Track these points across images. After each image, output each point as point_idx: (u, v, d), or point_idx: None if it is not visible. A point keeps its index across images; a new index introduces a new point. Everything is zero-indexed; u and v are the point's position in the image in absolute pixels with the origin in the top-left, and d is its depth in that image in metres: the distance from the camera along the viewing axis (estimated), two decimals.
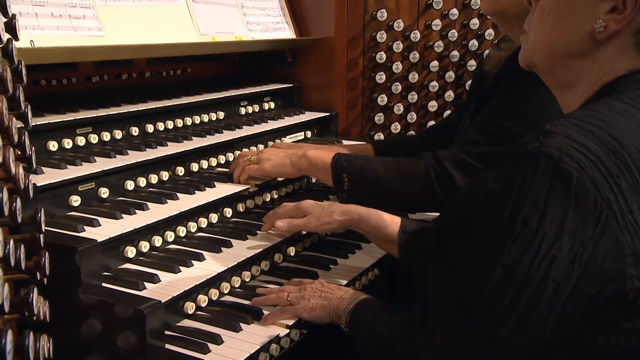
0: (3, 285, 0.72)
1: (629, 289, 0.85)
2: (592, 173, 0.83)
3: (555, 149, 0.85)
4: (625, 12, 0.92)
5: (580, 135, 0.86)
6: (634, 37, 0.94)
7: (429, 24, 2.25)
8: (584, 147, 0.85)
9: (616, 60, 0.96)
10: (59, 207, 1.34)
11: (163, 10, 1.77)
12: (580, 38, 0.97)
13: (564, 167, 0.84)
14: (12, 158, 0.90)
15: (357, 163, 1.53)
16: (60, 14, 1.49)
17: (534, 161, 0.86)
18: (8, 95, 0.93)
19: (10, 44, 0.95)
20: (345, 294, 1.28)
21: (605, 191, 0.83)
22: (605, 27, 0.94)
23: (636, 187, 0.85)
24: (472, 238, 0.95)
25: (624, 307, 0.86)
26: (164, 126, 1.74)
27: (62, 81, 1.70)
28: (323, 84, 2.28)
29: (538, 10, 1.03)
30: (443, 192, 1.44)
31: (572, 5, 0.97)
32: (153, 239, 1.37)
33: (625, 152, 0.86)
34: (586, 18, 0.96)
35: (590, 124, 0.88)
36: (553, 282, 0.86)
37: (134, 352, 1.12)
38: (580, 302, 0.86)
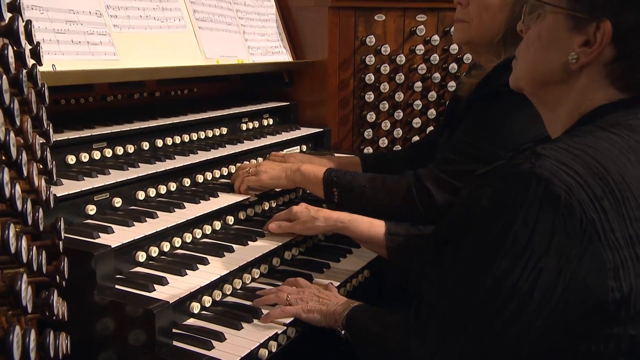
0: (27, 288, 0.73)
1: (610, 300, 0.86)
2: (579, 195, 0.84)
3: (546, 170, 0.85)
4: (594, 46, 0.93)
5: (569, 159, 0.87)
6: (604, 69, 0.95)
7: (413, 48, 2.27)
8: (572, 171, 0.85)
9: (591, 90, 0.97)
10: (77, 215, 1.34)
11: (172, 36, 1.78)
12: (558, 67, 0.98)
13: (553, 188, 0.84)
14: (35, 172, 0.90)
15: (346, 179, 1.54)
16: (80, 40, 1.50)
17: (526, 181, 0.86)
18: (32, 115, 0.94)
19: (35, 69, 0.95)
20: (340, 300, 1.29)
21: (590, 211, 0.84)
22: (577, 59, 0.95)
23: (618, 208, 0.86)
24: (466, 249, 0.95)
25: (605, 316, 0.87)
26: (172, 141, 1.74)
27: (80, 100, 1.70)
28: (317, 102, 2.29)
29: (525, 40, 1.05)
30: (422, 206, 1.46)
31: (551, 38, 0.99)
32: (162, 244, 1.37)
33: (609, 176, 0.86)
34: (562, 50, 0.97)
35: (578, 150, 0.89)
36: (539, 293, 0.86)
37: (144, 349, 1.12)
38: (564, 312, 0.87)
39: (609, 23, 0.91)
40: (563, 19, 0.96)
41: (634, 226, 0.86)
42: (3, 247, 0.68)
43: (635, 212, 0.87)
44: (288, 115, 2.28)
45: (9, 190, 0.71)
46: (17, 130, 0.83)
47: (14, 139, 0.75)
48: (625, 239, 0.86)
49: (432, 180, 1.45)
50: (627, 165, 0.89)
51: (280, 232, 1.52)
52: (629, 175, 0.88)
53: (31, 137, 0.90)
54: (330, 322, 1.25)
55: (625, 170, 0.88)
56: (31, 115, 0.93)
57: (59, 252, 0.99)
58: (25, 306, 0.72)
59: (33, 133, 0.93)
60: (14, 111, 0.77)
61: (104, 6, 1.61)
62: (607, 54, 0.93)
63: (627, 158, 0.90)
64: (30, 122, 0.92)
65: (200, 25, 1.89)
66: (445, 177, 1.43)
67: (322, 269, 1.53)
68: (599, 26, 0.92)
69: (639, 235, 0.86)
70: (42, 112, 0.99)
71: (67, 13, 1.50)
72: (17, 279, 0.69)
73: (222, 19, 2.02)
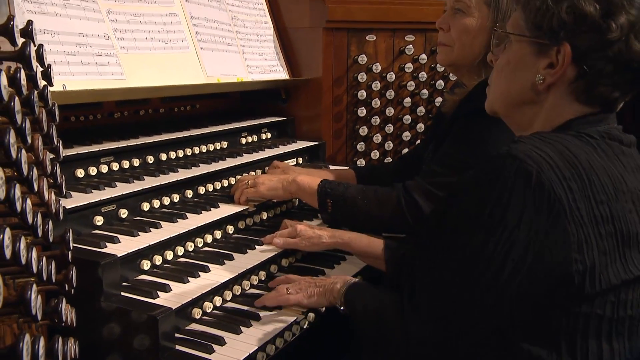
0: (37, 297, 0.73)
1: (574, 270, 0.89)
2: (549, 174, 0.88)
3: (520, 152, 0.90)
4: (557, 67, 0.97)
5: (543, 145, 0.91)
6: (569, 87, 0.99)
7: (402, 66, 2.29)
8: (544, 153, 0.89)
9: (559, 107, 1.00)
10: (85, 226, 1.34)
11: (175, 57, 1.79)
12: (527, 89, 1.02)
13: (526, 166, 0.88)
14: (45, 186, 0.91)
15: (340, 190, 1.55)
16: (89, 61, 1.50)
17: (502, 160, 0.91)
18: (43, 133, 0.94)
19: (46, 90, 0.96)
20: (336, 278, 1.30)
21: (558, 189, 0.88)
22: (543, 80, 0.99)
23: (585, 190, 0.89)
24: (449, 224, 0.99)
25: (572, 289, 0.90)
26: (176, 155, 1.74)
27: (88, 117, 1.70)
28: (312, 117, 2.30)
29: (495, 68, 1.09)
30: (411, 217, 1.47)
31: (518, 63, 1.03)
32: (165, 253, 1.37)
33: (578, 162, 0.90)
34: (530, 73, 1.01)
35: (551, 140, 0.93)
36: (511, 263, 0.89)
37: (148, 353, 1.12)
38: (534, 283, 0.90)
39: (569, 46, 0.95)
40: (527, 45, 1.01)
41: (599, 208, 0.90)
42: (14, 259, 0.68)
43: (601, 195, 0.90)
44: (285, 130, 2.29)
45: (20, 205, 0.71)
46: (29, 147, 0.84)
47: (25, 156, 0.76)
48: (590, 217, 0.89)
49: (419, 192, 1.46)
50: (594, 156, 0.93)
51: (284, 248, 1.51)
52: (596, 164, 0.92)
53: (42, 153, 0.91)
54: (330, 298, 1.26)
55: (593, 159, 0.92)
56: (42, 133, 0.93)
57: (67, 261, 0.99)
58: (35, 314, 0.72)
59: (44, 150, 0.93)
60: (26, 130, 0.78)
61: (111, 29, 1.62)
62: (569, 73, 0.97)
63: (595, 152, 0.94)
64: (41, 140, 0.92)
65: (202, 46, 1.90)
66: (432, 189, 1.45)
67: (318, 275, 1.53)
68: (560, 50, 0.96)
69: (603, 216, 0.90)
70: (52, 129, 1.00)
71: (77, 36, 1.51)
72: (27, 288, 0.69)
73: (223, 40, 2.03)
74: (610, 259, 0.90)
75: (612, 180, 0.92)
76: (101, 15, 1.60)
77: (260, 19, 2.28)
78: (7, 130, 0.68)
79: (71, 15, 1.52)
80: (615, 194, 0.91)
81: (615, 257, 0.91)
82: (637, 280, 0.94)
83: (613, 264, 0.91)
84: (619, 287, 0.92)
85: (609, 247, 0.90)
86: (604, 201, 0.90)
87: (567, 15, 0.95)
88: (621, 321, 0.94)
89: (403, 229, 1.51)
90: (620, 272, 0.91)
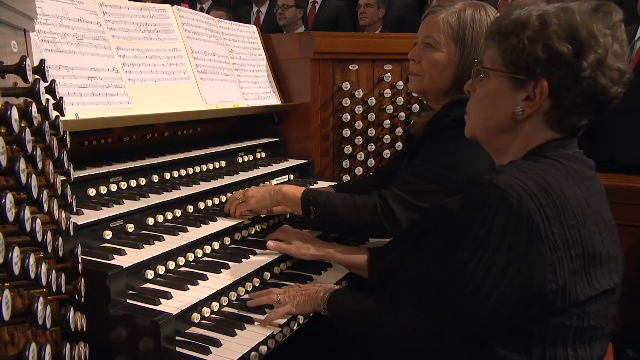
0: (44, 308, 0.73)
1: (548, 289, 0.89)
2: (528, 202, 0.88)
3: (502, 182, 0.90)
4: (535, 100, 0.98)
5: (521, 175, 0.92)
6: (544, 117, 1.00)
7: (381, 92, 2.31)
8: (523, 183, 0.90)
9: (535, 133, 1.01)
10: (95, 239, 1.34)
11: (178, 86, 1.80)
12: (506, 118, 1.02)
13: (507, 196, 0.88)
14: (55, 206, 0.91)
15: (322, 198, 1.55)
16: (99, 92, 1.51)
17: (486, 189, 0.91)
18: (54, 159, 0.95)
19: (57, 120, 0.96)
20: (319, 287, 1.30)
21: (535, 216, 0.88)
22: (522, 111, 0.99)
23: (558, 216, 0.90)
24: (437, 241, 0.99)
25: (545, 305, 0.90)
26: (179, 174, 1.74)
27: (100, 141, 1.71)
28: (302, 138, 2.30)
29: (474, 98, 1.08)
30: (386, 222, 1.47)
31: (497, 95, 1.03)
32: (168, 263, 1.37)
33: (552, 190, 0.91)
34: (509, 104, 1.01)
35: (528, 169, 0.94)
36: (491, 280, 0.90)
37: (152, 355, 1.11)
38: (511, 297, 0.90)
39: (546, 82, 0.96)
40: (505, 80, 1.01)
41: (570, 232, 0.90)
42: (24, 274, 0.68)
43: (571, 220, 0.91)
44: (278, 149, 2.29)
45: (29, 224, 0.71)
46: (39, 172, 0.84)
47: (35, 181, 0.76)
48: (563, 241, 0.89)
49: (394, 199, 1.47)
50: (565, 183, 0.93)
51: (276, 250, 1.54)
52: (567, 191, 0.92)
53: (52, 177, 0.91)
54: (314, 305, 1.26)
55: (565, 186, 0.93)
56: (52, 159, 0.94)
57: (77, 273, 0.99)
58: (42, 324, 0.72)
59: (54, 173, 0.94)
60: (36, 157, 0.79)
61: (120, 64, 1.63)
62: (545, 105, 0.98)
63: (566, 179, 0.94)
64: (52, 165, 0.93)
65: (201, 77, 1.92)
66: (405, 196, 1.46)
67: (306, 281, 1.52)
68: (537, 85, 0.97)
69: (573, 239, 0.91)
70: (63, 155, 1.00)
71: (89, 70, 1.52)
72: (35, 301, 0.69)
73: (221, 70, 2.05)
74: (578, 278, 0.91)
75: (580, 205, 0.93)
76: (111, 52, 1.61)
77: (255, 51, 2.30)
78: (17, 159, 0.69)
79: (84, 52, 1.53)
80: (583, 217, 0.92)
81: (582, 276, 0.92)
82: (600, 294, 0.95)
83: (580, 282, 0.91)
84: (585, 301, 0.93)
85: (577, 267, 0.91)
86: (574, 225, 0.91)
87: (542, 54, 0.95)
88: (585, 330, 0.95)
89: (380, 233, 1.52)
90: (586, 288, 0.92)
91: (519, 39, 0.97)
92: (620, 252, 1.02)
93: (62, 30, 1.48)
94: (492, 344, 0.95)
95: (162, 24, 1.83)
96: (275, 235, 1.58)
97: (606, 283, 0.95)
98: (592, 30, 0.94)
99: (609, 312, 0.98)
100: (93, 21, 1.59)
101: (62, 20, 1.49)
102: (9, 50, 0.91)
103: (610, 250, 0.96)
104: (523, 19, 0.97)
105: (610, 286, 0.97)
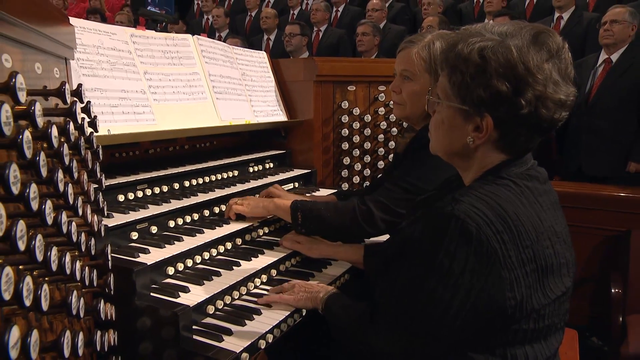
0: (79, 300, 0.75)
1: (508, 306, 0.89)
2: (486, 230, 0.86)
3: (462, 212, 0.88)
4: (483, 132, 0.96)
5: (478, 203, 0.89)
6: (493, 145, 0.98)
7: (376, 110, 2.33)
8: (480, 212, 0.88)
9: (488, 157, 0.99)
10: (123, 240, 1.35)
11: (196, 105, 1.82)
12: (461, 145, 1.00)
13: (467, 226, 0.86)
14: (88, 211, 0.93)
15: (308, 205, 1.57)
16: (128, 111, 1.54)
17: (447, 220, 0.88)
18: (88, 170, 0.97)
19: (92, 135, 0.99)
20: (321, 289, 1.30)
21: (493, 242, 0.86)
22: (473, 141, 0.97)
23: (514, 239, 0.88)
24: (405, 270, 0.97)
25: (505, 317, 0.90)
26: (196, 182, 1.75)
27: (129, 154, 1.73)
28: (306, 150, 2.32)
29: (433, 120, 1.05)
30: (364, 222, 1.49)
31: (450, 124, 1.00)
32: (186, 261, 1.37)
33: (507, 216, 0.89)
34: (461, 133, 0.98)
35: (485, 196, 0.91)
36: (457, 302, 0.88)
37: (172, 341, 1.12)
38: (477, 315, 0.89)
39: (490, 117, 0.93)
40: (457, 111, 0.98)
41: (525, 252, 0.89)
42: (60, 270, 0.70)
43: (526, 241, 0.89)
44: (284, 160, 2.31)
45: (66, 227, 0.73)
46: (75, 181, 0.87)
47: (71, 188, 0.78)
48: (518, 261, 0.88)
49: (372, 202, 1.50)
50: (520, 206, 0.92)
51: (290, 248, 1.57)
52: (521, 214, 0.91)
53: (86, 185, 0.94)
54: (314, 304, 1.26)
55: (519, 210, 0.91)
56: (87, 170, 0.96)
57: (107, 269, 1.01)
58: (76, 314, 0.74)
59: (88, 182, 0.96)
60: (73, 168, 0.81)
61: (147, 86, 1.66)
62: (493, 135, 0.96)
63: (520, 201, 0.92)
64: (86, 174, 0.95)
65: (217, 97, 1.94)
66: (384, 201, 1.49)
67: (309, 278, 1.52)
68: (483, 119, 0.94)
69: (528, 258, 0.89)
70: (96, 166, 1.02)
71: (120, 92, 1.54)
72: (70, 293, 0.71)
73: (234, 91, 2.07)
74: (533, 290, 0.90)
75: (534, 225, 0.91)
76: (139, 76, 1.64)
77: (265, 74, 2.32)
78: (56, 170, 0.71)
79: (116, 76, 1.56)
80: (537, 236, 0.90)
81: (537, 288, 0.91)
82: (554, 300, 0.94)
83: (535, 294, 0.90)
84: (540, 309, 0.93)
85: (532, 281, 0.90)
86: (529, 245, 0.89)
87: (484, 93, 0.91)
88: (541, 330, 0.94)
89: (360, 233, 1.53)
90: (541, 298, 0.92)
91: (462, 75, 0.93)
92: (573, 254, 1.00)
93: (98, 57, 1.51)
94: (462, 349, 0.94)
95: (183, 51, 1.86)
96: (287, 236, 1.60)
97: (558, 289, 0.94)
98: (529, 65, 0.88)
99: (562, 310, 0.97)
100: (124, 50, 1.62)
101: (98, 49, 1.53)
102: (52, 75, 0.93)
103: (562, 258, 0.95)
104: (465, 54, 0.92)
105: (563, 291, 0.96)
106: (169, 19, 2.40)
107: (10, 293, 0.50)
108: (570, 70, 0.95)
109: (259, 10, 5.91)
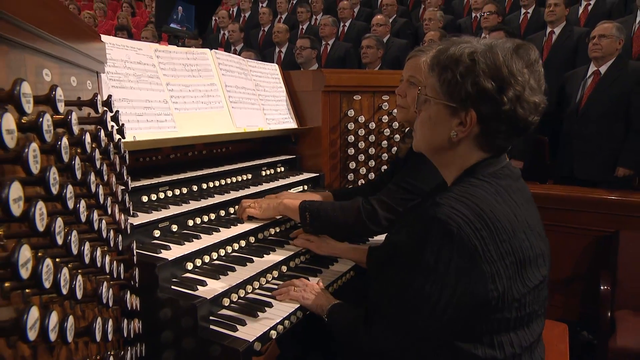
0: (108, 290, 0.77)
1: (490, 297, 0.90)
2: (466, 229, 0.88)
3: (443, 215, 0.89)
4: (466, 126, 0.97)
5: (458, 204, 0.90)
6: (474, 140, 1.00)
7: (380, 118, 2.33)
8: (460, 213, 0.89)
9: (468, 154, 1.01)
10: (146, 237, 1.37)
11: (213, 114, 1.85)
12: (444, 140, 1.01)
13: (449, 227, 0.88)
14: (116, 210, 0.96)
15: (315, 205, 1.58)
16: (152, 119, 1.57)
17: (430, 223, 0.90)
18: (116, 173, 1.00)
19: (120, 142, 1.02)
20: (328, 299, 1.30)
21: (473, 239, 0.88)
22: (456, 135, 0.99)
23: (492, 235, 0.89)
24: (395, 270, 0.99)
25: (489, 308, 0.91)
26: (213, 184, 1.77)
27: (152, 158, 1.75)
28: (314, 155, 2.33)
29: (419, 119, 1.07)
30: (368, 220, 1.50)
31: (437, 120, 1.02)
32: (204, 257, 1.39)
33: (484, 214, 0.90)
34: (446, 128, 1.00)
35: (463, 197, 0.92)
36: (444, 298, 0.89)
37: (190, 330, 1.14)
38: (462, 309, 0.90)
39: (474, 111, 0.96)
40: (443, 107, 1.00)
41: (503, 246, 0.90)
42: (92, 263, 0.72)
43: (503, 236, 0.90)
44: (294, 165, 2.32)
45: (97, 224, 0.76)
46: (105, 183, 0.89)
47: (101, 190, 0.81)
48: (498, 255, 0.89)
49: (376, 201, 1.51)
50: (495, 204, 0.93)
51: (301, 246, 1.58)
52: (497, 211, 0.92)
53: (114, 187, 0.96)
54: (318, 311, 1.27)
55: (495, 208, 0.92)
56: (115, 173, 0.99)
57: (133, 263, 1.04)
58: (106, 303, 0.76)
59: (116, 184, 0.98)
60: (103, 172, 0.83)
61: (169, 96, 1.69)
62: (475, 130, 0.98)
63: (495, 199, 0.94)
64: (115, 177, 0.97)
65: (233, 106, 1.96)
66: (387, 201, 1.50)
67: (316, 274, 1.54)
68: (467, 113, 0.96)
69: (506, 251, 0.90)
70: (123, 169, 1.05)
71: (144, 102, 1.58)
72: (100, 285, 0.73)
73: (248, 100, 2.10)
74: (513, 281, 0.91)
75: (509, 221, 0.92)
76: (162, 87, 1.67)
77: (276, 84, 2.34)
78: (89, 172, 0.73)
79: (141, 88, 1.59)
80: (513, 231, 0.91)
81: (516, 278, 0.92)
82: (532, 289, 0.95)
83: (515, 284, 0.91)
84: (520, 297, 0.93)
85: (512, 272, 0.91)
86: (506, 240, 0.90)
87: (471, 89, 0.94)
88: (523, 317, 0.95)
89: (364, 230, 1.53)
90: (521, 288, 0.93)
91: (453, 73, 0.96)
92: (547, 245, 1.01)
93: (126, 71, 1.55)
94: (451, 339, 0.95)
95: (202, 64, 1.89)
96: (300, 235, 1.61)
97: (536, 278, 0.95)
98: (512, 69, 0.93)
99: (541, 297, 0.98)
100: (149, 63, 1.66)
101: (126, 63, 1.56)
102: (84, 87, 0.96)
103: (537, 249, 0.96)
104: (457, 56, 0.96)
105: (540, 279, 0.96)
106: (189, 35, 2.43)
107: (50, 282, 0.52)
108: (543, 82, 0.98)
109: (272, 25, 5.96)
